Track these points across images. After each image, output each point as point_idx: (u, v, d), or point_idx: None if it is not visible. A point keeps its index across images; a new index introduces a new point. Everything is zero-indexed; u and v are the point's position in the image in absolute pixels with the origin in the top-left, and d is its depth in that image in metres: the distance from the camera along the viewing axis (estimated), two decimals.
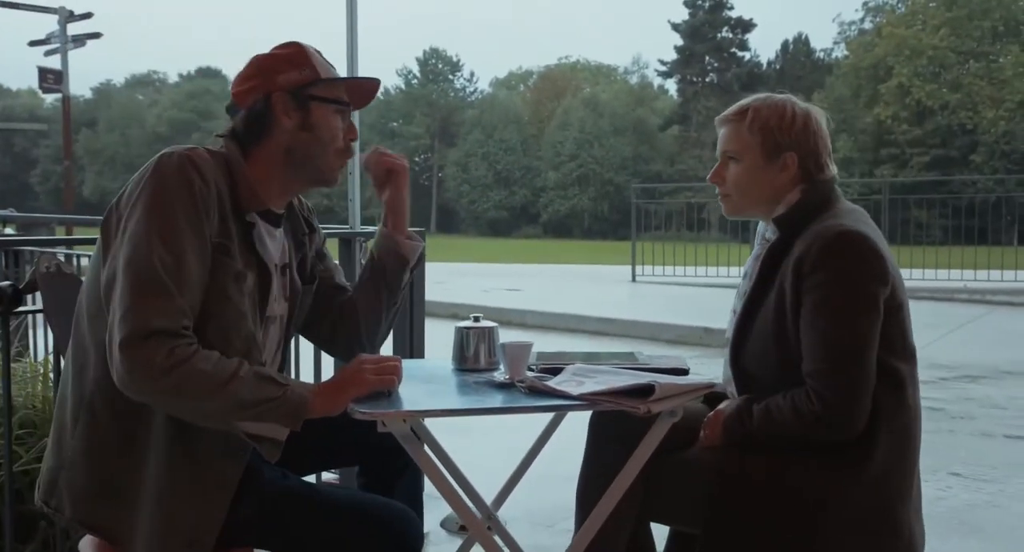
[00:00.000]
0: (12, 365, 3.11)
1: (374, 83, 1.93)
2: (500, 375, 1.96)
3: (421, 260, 2.19)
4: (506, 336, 2.08)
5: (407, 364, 1.86)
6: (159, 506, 1.63)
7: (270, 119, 1.76)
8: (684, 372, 2.00)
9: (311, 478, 2.82)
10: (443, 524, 3.26)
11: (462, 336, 2.11)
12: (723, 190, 2.06)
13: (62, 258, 4.09)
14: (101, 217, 1.68)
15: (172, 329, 1.54)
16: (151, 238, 1.56)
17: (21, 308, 2.46)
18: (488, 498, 2.42)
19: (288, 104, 1.76)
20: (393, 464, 2.04)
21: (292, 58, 1.79)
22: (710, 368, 6.64)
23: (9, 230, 8.27)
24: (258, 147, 1.77)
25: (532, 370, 1.99)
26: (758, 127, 1.99)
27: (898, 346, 1.90)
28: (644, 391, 1.72)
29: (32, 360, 3.36)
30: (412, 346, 3.42)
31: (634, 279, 13.32)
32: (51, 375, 2.73)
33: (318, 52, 1.83)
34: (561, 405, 1.78)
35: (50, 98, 30.24)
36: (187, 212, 1.60)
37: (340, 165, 1.86)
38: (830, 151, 2.03)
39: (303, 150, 1.79)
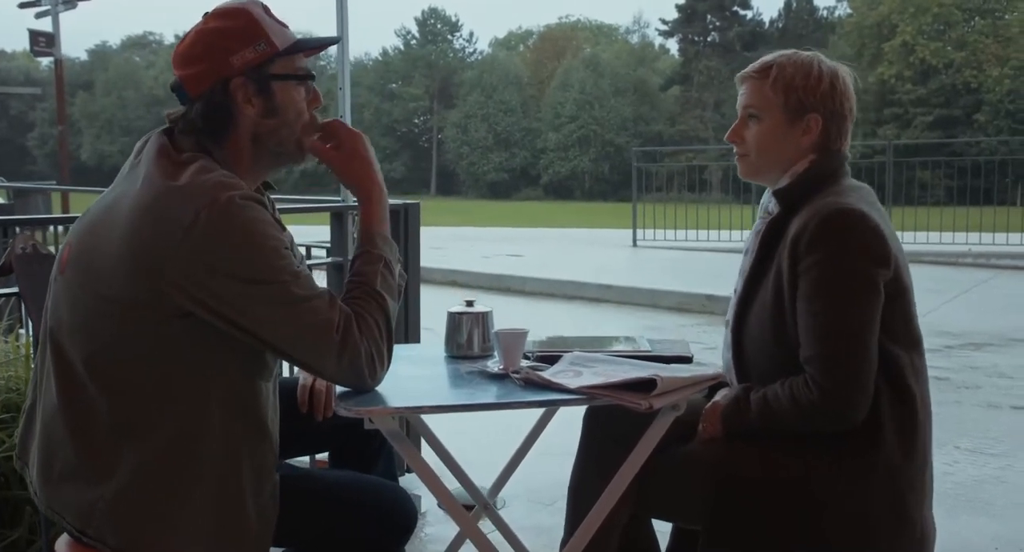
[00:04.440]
0: None
1: (332, 41, 1.80)
2: (494, 364, 1.88)
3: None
4: (506, 303, 2.01)
5: (399, 349, 1.77)
6: (215, 535, 1.57)
7: (231, 109, 1.61)
8: (688, 360, 1.91)
9: (303, 462, 2.78)
10: (440, 505, 3.20)
11: (454, 322, 2.02)
12: (741, 150, 1.95)
13: (40, 237, 3.99)
14: (96, 189, 1.58)
15: (335, 317, 1.56)
16: (272, 278, 1.52)
17: None
18: (483, 480, 2.37)
19: (249, 90, 1.61)
20: (367, 448, 2.02)
21: (243, 32, 1.60)
22: (712, 337, 6.58)
23: (0, 199, 8.17)
24: (225, 140, 1.63)
25: (528, 358, 1.91)
26: (782, 86, 1.87)
27: (900, 333, 1.80)
28: (645, 384, 1.64)
29: (27, 337, 3.27)
30: (407, 331, 3.33)
31: (635, 243, 13.23)
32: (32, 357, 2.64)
33: (266, 11, 1.65)
34: (557, 399, 1.70)
35: (46, 60, 29.91)
36: (274, 236, 1.56)
37: (308, 138, 1.73)
38: (855, 114, 1.92)
39: (271, 136, 1.65)
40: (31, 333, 2.59)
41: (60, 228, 4.18)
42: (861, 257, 1.75)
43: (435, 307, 3.43)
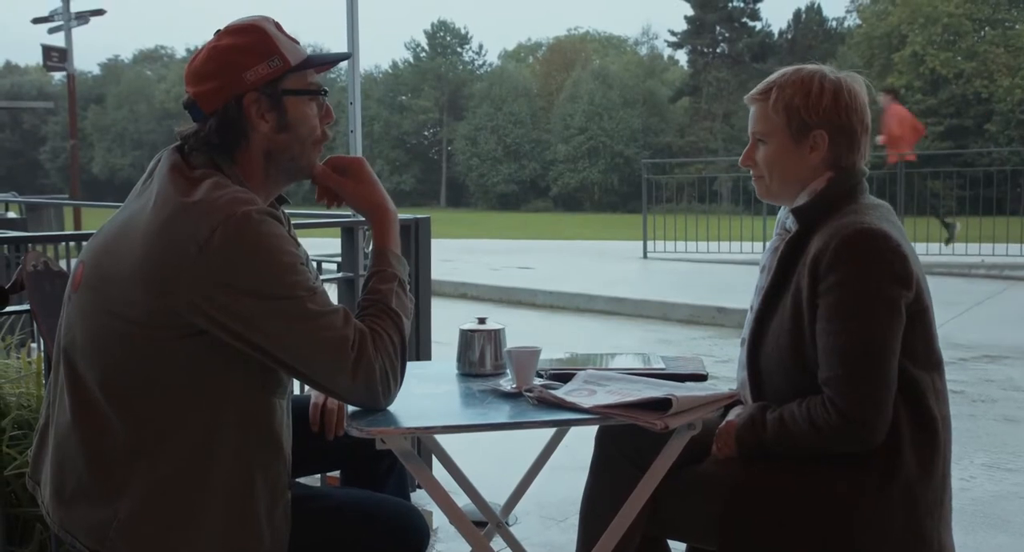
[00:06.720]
0: (5, 361, 3.03)
1: (343, 57, 1.81)
2: (507, 382, 1.86)
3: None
4: (516, 317, 1.99)
5: (410, 367, 1.75)
6: (226, 543, 1.56)
7: (245, 125, 1.61)
8: (703, 378, 1.89)
9: (314, 480, 2.76)
10: (452, 522, 3.17)
11: (467, 339, 2.00)
12: (756, 172, 1.94)
13: (52, 253, 3.99)
14: (109, 204, 1.58)
15: (350, 334, 1.55)
16: (288, 294, 1.50)
17: (8, 308, 2.35)
18: (495, 496, 2.34)
19: (262, 105, 1.61)
20: (379, 466, 2.01)
21: (256, 48, 1.61)
22: (724, 350, 6.54)
23: (12, 214, 8.19)
24: (238, 155, 1.63)
25: (541, 376, 1.89)
26: (782, 107, 1.86)
27: (920, 354, 1.78)
28: (661, 404, 1.62)
29: (38, 353, 3.27)
30: (419, 348, 3.31)
31: (645, 255, 13.18)
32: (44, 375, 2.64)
33: (278, 27, 1.66)
34: (571, 419, 1.67)
35: (59, 75, 30.12)
36: (291, 251, 1.55)
37: (319, 154, 1.73)
38: (868, 126, 1.89)
39: (283, 152, 1.65)
40: (42, 349, 2.58)
41: (72, 244, 4.19)
42: (883, 278, 1.72)
43: (445, 320, 3.42)
